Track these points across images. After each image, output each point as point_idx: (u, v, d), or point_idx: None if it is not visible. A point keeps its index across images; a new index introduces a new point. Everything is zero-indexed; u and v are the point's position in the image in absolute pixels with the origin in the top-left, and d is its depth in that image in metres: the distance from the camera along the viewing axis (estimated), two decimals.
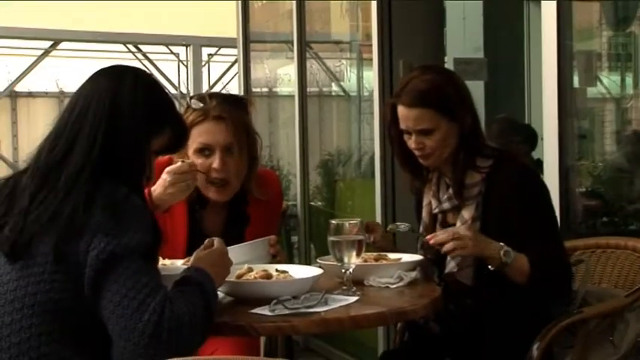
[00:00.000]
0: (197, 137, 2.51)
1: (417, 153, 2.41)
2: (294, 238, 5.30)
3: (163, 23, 9.37)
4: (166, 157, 2.40)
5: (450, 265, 2.41)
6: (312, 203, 5.40)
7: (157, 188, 2.39)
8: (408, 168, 2.55)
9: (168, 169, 2.38)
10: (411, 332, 2.57)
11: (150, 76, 2.11)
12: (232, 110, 2.56)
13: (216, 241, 2.08)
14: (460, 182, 2.41)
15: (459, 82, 2.47)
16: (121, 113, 1.92)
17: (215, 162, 2.51)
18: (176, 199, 2.41)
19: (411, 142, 2.40)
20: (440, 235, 2.26)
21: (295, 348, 4.25)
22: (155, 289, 1.77)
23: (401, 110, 2.39)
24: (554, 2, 3.13)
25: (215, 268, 1.96)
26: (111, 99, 1.92)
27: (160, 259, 2.14)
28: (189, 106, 2.56)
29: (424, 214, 2.56)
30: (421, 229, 2.56)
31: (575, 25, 3.59)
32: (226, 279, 2.03)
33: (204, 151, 2.53)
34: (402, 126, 2.40)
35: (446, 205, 2.46)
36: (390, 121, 2.46)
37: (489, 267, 2.26)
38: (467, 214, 2.39)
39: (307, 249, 5.11)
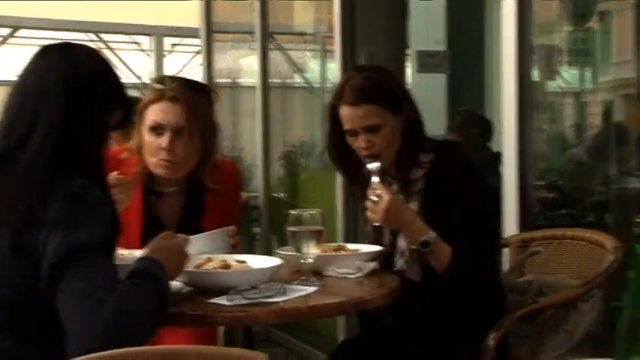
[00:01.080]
0: (151, 115, 2.52)
1: (365, 153, 2.38)
2: (257, 230, 5.30)
3: (126, 12, 9.25)
4: (117, 148, 2.38)
5: (399, 263, 2.43)
6: (274, 194, 5.39)
7: None
8: (347, 173, 2.56)
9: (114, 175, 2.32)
10: (366, 324, 2.58)
11: (100, 52, 2.05)
12: (190, 94, 2.54)
13: (180, 236, 2.05)
14: (406, 178, 2.41)
15: (396, 77, 2.50)
16: (79, 92, 1.86)
17: (164, 142, 2.50)
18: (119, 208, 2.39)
19: (359, 142, 2.37)
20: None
21: (257, 339, 4.25)
22: (112, 285, 1.73)
23: (345, 110, 2.37)
24: None
25: (172, 263, 1.92)
26: (67, 78, 1.85)
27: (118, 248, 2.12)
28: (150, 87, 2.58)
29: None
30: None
31: (535, 20, 3.62)
32: (185, 269, 2.02)
33: (157, 129, 2.51)
34: (347, 126, 2.37)
35: None
36: (330, 125, 2.44)
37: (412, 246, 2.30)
38: (411, 207, 2.38)
39: (269, 240, 5.11)
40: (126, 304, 1.71)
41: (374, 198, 2.27)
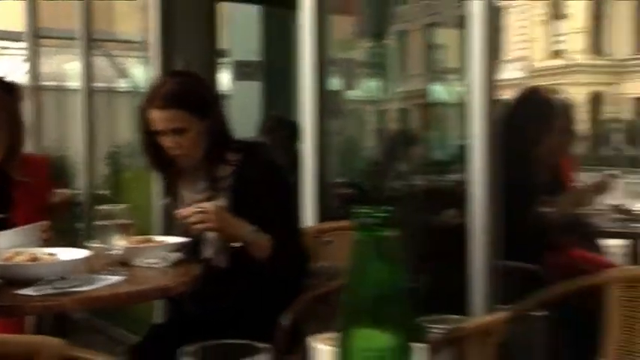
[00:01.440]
0: None
1: (172, 152, 2.38)
2: (81, 225, 5.15)
3: None
4: None
5: (207, 253, 2.43)
6: (98, 192, 5.26)
7: None
8: (158, 168, 2.54)
9: None
10: (172, 310, 2.57)
11: None
12: None
13: None
14: (213, 176, 2.41)
15: (207, 84, 2.52)
16: None
17: None
18: None
19: (167, 142, 2.37)
20: (186, 210, 2.27)
21: (78, 327, 4.12)
22: None
23: (155, 113, 2.35)
24: (311, 15, 3.25)
25: None
26: None
27: None
28: None
29: (181, 206, 2.54)
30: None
31: (334, 36, 3.72)
32: None
33: None
34: (157, 127, 2.36)
35: (200, 197, 2.43)
36: (142, 126, 2.42)
37: (232, 244, 2.31)
38: (220, 203, 2.38)
39: (91, 236, 4.97)
40: None
41: (199, 209, 2.26)
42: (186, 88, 2.38)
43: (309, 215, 3.27)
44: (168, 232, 2.90)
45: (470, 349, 1.84)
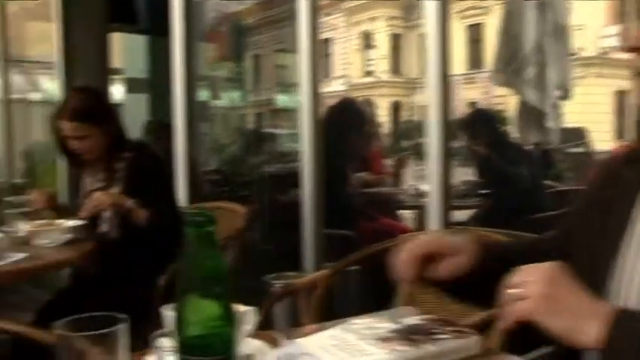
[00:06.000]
0: None
1: (77, 152, 2.33)
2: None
3: None
4: None
5: (103, 227, 2.30)
6: (16, 181, 4.88)
7: None
8: (70, 161, 2.43)
9: None
10: (75, 280, 2.41)
11: None
12: None
13: None
14: (110, 169, 2.33)
15: (103, 98, 2.44)
16: None
17: None
18: None
19: (73, 145, 2.31)
20: (87, 204, 2.19)
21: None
22: None
23: (63, 123, 2.28)
24: (180, 42, 3.15)
25: None
26: None
27: None
28: None
29: (84, 190, 2.41)
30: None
31: (206, 58, 3.60)
32: None
33: None
34: (66, 134, 2.29)
35: (99, 185, 2.35)
36: (54, 130, 2.32)
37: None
38: (115, 190, 2.29)
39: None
40: None
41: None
42: (88, 104, 2.30)
43: (182, 197, 3.15)
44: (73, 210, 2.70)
45: (301, 299, 1.82)
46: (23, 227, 1.94)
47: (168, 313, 0.97)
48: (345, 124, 3.32)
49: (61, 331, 0.76)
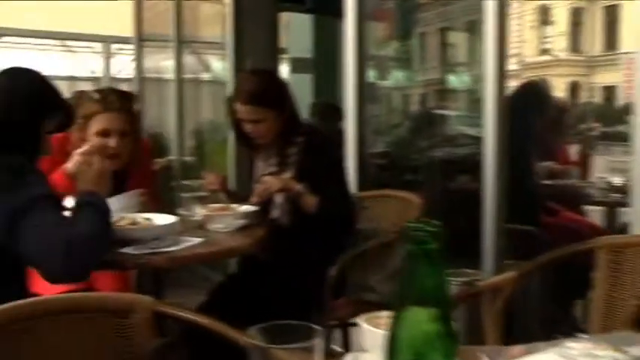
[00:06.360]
0: (97, 124, 2.23)
1: (251, 135, 2.34)
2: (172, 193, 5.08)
3: (84, 24, 8.82)
4: (62, 135, 2.13)
5: (274, 213, 2.32)
6: (187, 159, 5.18)
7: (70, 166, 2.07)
8: (244, 144, 2.46)
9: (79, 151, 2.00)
10: (243, 264, 2.46)
11: (39, 73, 1.82)
12: (124, 102, 2.31)
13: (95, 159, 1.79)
14: (282, 154, 2.34)
15: (278, 81, 2.41)
16: (14, 106, 1.71)
17: (112, 142, 2.24)
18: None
19: (247, 128, 2.33)
20: (258, 189, 2.23)
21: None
22: (59, 223, 1.54)
23: (239, 106, 2.30)
24: (353, 21, 3.11)
25: (98, 186, 1.72)
26: (7, 95, 1.72)
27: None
28: (90, 96, 2.27)
29: (256, 175, 2.44)
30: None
31: (372, 37, 3.53)
32: None
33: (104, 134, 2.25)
34: (241, 117, 2.32)
35: (272, 169, 2.37)
36: (230, 112, 2.36)
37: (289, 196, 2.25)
38: (287, 175, 2.30)
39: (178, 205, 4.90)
40: (75, 232, 1.53)
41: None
42: (264, 87, 2.30)
43: (352, 183, 3.11)
44: (244, 195, 2.79)
45: (485, 303, 1.69)
46: (199, 211, 1.99)
47: (367, 326, 0.88)
48: (529, 109, 3.09)
49: (255, 339, 0.73)
